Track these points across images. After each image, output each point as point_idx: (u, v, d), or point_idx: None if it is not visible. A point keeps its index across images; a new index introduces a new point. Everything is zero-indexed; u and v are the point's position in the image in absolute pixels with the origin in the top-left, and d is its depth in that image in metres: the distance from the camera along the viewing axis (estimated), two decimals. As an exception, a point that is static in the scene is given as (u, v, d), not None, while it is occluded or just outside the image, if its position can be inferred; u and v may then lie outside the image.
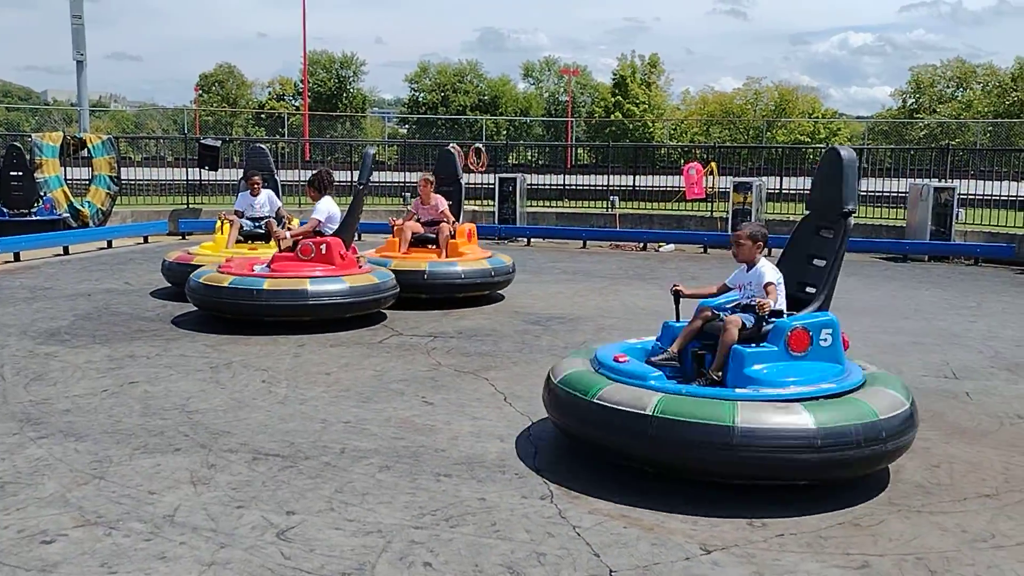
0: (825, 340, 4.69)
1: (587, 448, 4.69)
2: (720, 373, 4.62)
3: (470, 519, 3.92)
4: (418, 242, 9.97)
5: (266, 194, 11.25)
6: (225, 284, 8.00)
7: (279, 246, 8.86)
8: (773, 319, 4.68)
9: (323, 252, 8.41)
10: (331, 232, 8.65)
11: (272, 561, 3.46)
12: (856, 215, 5.16)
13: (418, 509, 4.02)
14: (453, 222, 10.12)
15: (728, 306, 4.95)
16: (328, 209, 8.68)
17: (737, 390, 4.36)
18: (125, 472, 4.42)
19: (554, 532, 3.80)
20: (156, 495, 4.13)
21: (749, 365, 4.53)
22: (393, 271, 9.05)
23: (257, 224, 10.98)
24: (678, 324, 5.04)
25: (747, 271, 5.00)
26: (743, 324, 4.65)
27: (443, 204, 10.13)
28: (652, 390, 4.36)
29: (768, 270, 4.90)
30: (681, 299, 5.23)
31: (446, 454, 4.79)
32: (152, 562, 3.44)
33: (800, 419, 4.06)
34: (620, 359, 4.74)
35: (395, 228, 10.11)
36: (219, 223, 11.09)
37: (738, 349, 4.59)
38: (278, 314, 7.99)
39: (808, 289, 5.02)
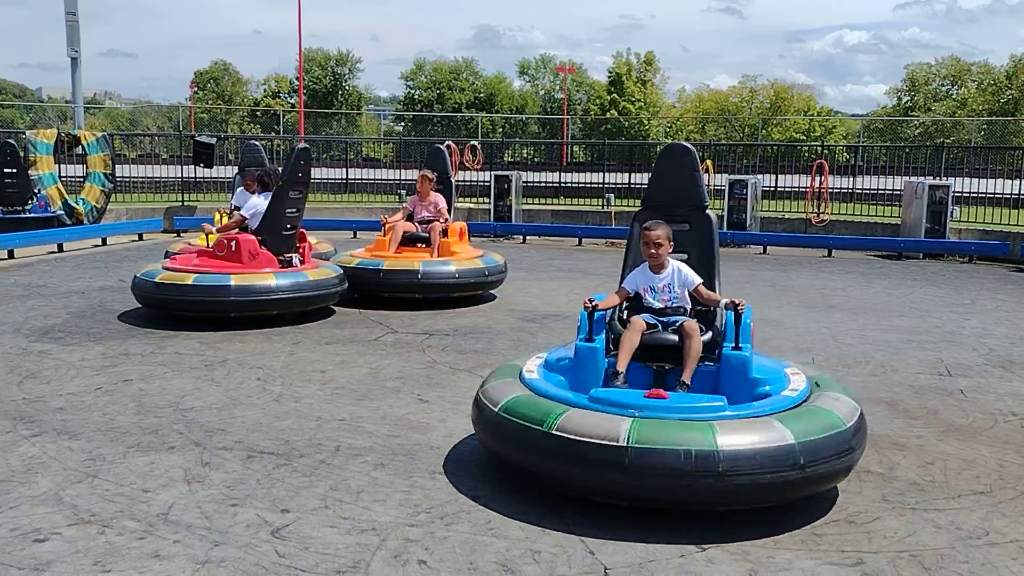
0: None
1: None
2: (690, 380, 4.46)
3: (465, 517, 3.92)
4: (409, 241, 9.83)
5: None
6: (156, 280, 8.12)
7: (206, 241, 8.96)
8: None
9: (233, 249, 8.32)
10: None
11: (266, 559, 3.46)
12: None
13: (413, 507, 4.01)
14: (446, 220, 10.02)
15: (653, 310, 4.78)
16: (256, 205, 8.75)
17: (756, 403, 4.12)
18: (119, 470, 4.41)
19: (549, 530, 3.79)
20: (150, 493, 4.12)
21: (752, 370, 4.48)
22: (386, 271, 9.10)
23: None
24: (591, 344, 4.65)
25: (654, 273, 4.82)
26: (701, 330, 4.58)
27: (442, 203, 10.01)
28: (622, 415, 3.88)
29: (689, 270, 4.82)
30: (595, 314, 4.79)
31: (441, 452, 4.79)
32: (146, 560, 3.43)
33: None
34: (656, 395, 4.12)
35: (386, 226, 10.00)
36: (217, 216, 11.10)
37: (739, 355, 4.49)
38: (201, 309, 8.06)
39: None
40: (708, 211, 5.20)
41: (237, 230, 8.68)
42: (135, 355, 6.95)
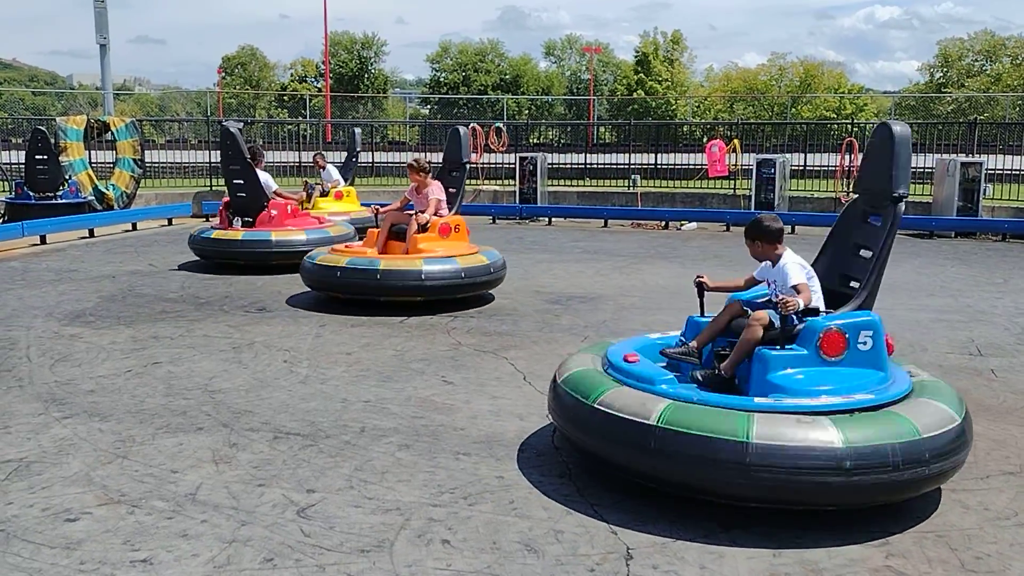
0: (864, 343, 4.12)
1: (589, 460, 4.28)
2: (731, 372, 4.21)
3: (488, 497, 3.94)
4: (398, 235, 8.64)
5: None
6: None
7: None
8: (805, 318, 4.14)
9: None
10: None
11: (292, 538, 3.50)
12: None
13: (437, 487, 4.04)
14: (438, 212, 8.68)
15: (759, 301, 4.48)
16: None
17: (757, 399, 3.87)
18: (148, 451, 4.47)
19: (572, 510, 3.80)
20: (178, 474, 4.18)
21: (774, 370, 4.01)
22: (383, 270, 7.98)
23: None
24: (704, 319, 4.55)
25: (772, 267, 4.49)
26: (770, 322, 4.16)
27: (437, 193, 8.69)
28: (659, 395, 3.89)
29: (793, 269, 4.35)
30: (706, 292, 4.67)
31: (465, 433, 4.81)
32: (174, 539, 3.48)
33: (826, 435, 3.54)
34: (631, 359, 4.26)
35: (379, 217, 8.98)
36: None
37: (763, 352, 4.09)
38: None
39: (852, 283, 4.47)
40: (899, 204, 4.39)
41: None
42: (164, 338, 7.03)
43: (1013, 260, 12.51)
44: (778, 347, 4.10)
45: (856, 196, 4.74)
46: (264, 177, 11.36)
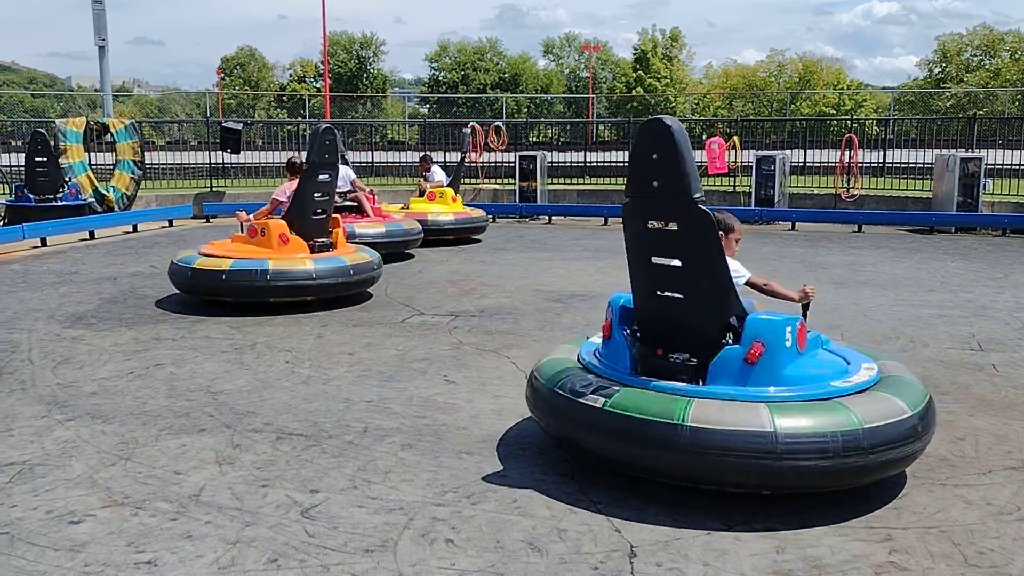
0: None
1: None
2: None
3: (491, 496, 3.94)
4: None
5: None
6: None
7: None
8: None
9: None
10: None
11: (296, 539, 3.50)
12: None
13: (440, 486, 4.04)
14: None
15: None
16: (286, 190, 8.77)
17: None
18: (151, 453, 4.48)
19: (575, 508, 3.81)
20: (182, 475, 4.18)
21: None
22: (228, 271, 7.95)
23: None
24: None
25: None
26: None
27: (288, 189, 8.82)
28: None
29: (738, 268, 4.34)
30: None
31: (468, 432, 4.82)
32: (178, 541, 3.49)
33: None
34: None
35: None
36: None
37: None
38: None
39: (668, 294, 4.14)
40: (703, 207, 3.90)
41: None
42: (166, 340, 7.04)
43: (1013, 255, 12.51)
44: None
45: (630, 199, 4.10)
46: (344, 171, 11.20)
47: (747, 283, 4.46)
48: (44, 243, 13.11)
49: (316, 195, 8.42)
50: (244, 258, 8.05)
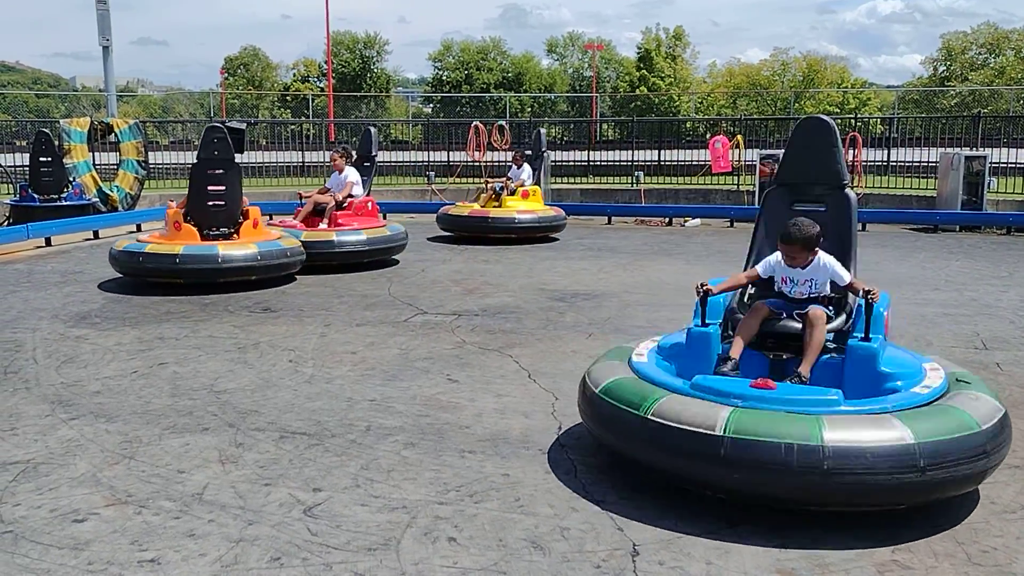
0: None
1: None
2: (809, 374, 4.13)
3: (494, 495, 3.94)
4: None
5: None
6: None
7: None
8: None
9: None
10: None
11: (299, 537, 3.51)
12: (864, 187, 5.06)
13: (443, 485, 4.04)
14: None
15: (787, 298, 4.47)
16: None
17: (891, 397, 3.83)
18: (155, 452, 4.49)
19: (578, 507, 3.81)
20: (185, 474, 4.19)
21: (882, 363, 4.07)
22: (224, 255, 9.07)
23: None
24: (703, 329, 4.44)
25: (801, 268, 4.44)
26: (828, 317, 4.21)
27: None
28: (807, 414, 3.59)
29: (837, 266, 4.40)
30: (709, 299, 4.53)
31: (470, 431, 4.82)
32: (181, 539, 3.49)
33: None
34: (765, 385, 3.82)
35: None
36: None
37: (864, 347, 4.09)
38: None
39: None
40: (847, 190, 4.83)
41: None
42: (170, 339, 7.05)
43: (1018, 253, 12.49)
44: (860, 337, 4.17)
45: (774, 188, 5.04)
46: (347, 174, 11.48)
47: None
48: (48, 243, 13.13)
49: (210, 188, 9.52)
50: (159, 243, 9.37)
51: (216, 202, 9.55)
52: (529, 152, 15.52)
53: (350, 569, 3.25)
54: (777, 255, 4.55)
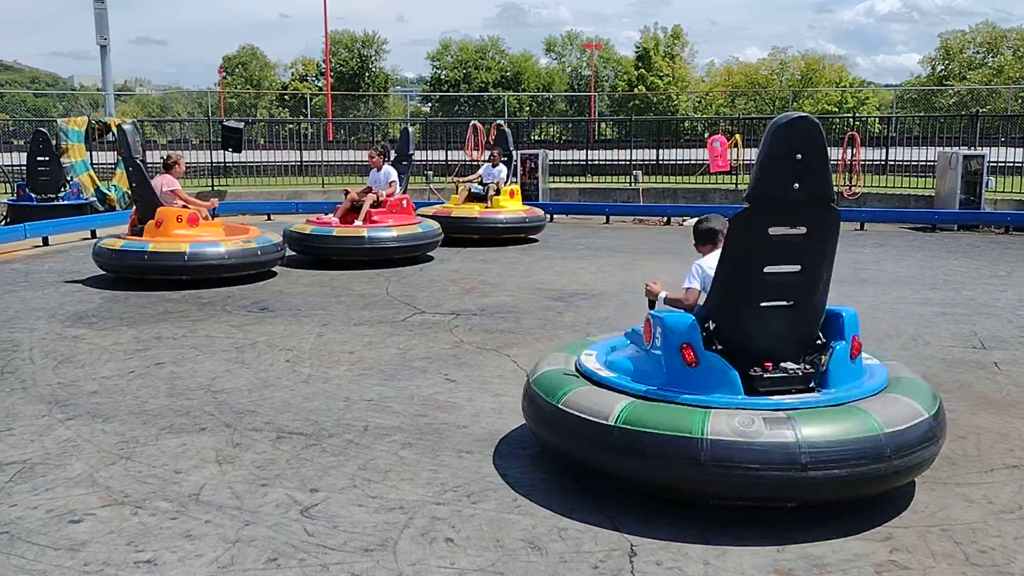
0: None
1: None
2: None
3: (492, 495, 3.93)
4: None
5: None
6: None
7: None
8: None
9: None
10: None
11: (296, 538, 3.50)
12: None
13: (440, 485, 4.04)
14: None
15: None
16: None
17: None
18: (151, 452, 4.48)
19: (576, 507, 3.80)
20: (182, 474, 4.18)
21: None
22: (192, 253, 9.20)
23: None
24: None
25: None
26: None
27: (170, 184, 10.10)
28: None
29: (690, 272, 4.28)
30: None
31: (468, 431, 4.81)
32: (178, 540, 3.48)
33: None
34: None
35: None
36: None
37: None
38: None
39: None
40: (832, 204, 3.81)
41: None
42: (167, 339, 7.03)
43: (1016, 253, 12.49)
44: None
45: (744, 209, 3.73)
46: (387, 172, 11.74)
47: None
48: (46, 242, 13.12)
49: (133, 185, 10.03)
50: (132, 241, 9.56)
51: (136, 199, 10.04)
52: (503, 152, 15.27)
53: (347, 570, 3.24)
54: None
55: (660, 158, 23.03)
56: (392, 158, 12.30)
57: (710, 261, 4.16)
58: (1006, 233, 14.96)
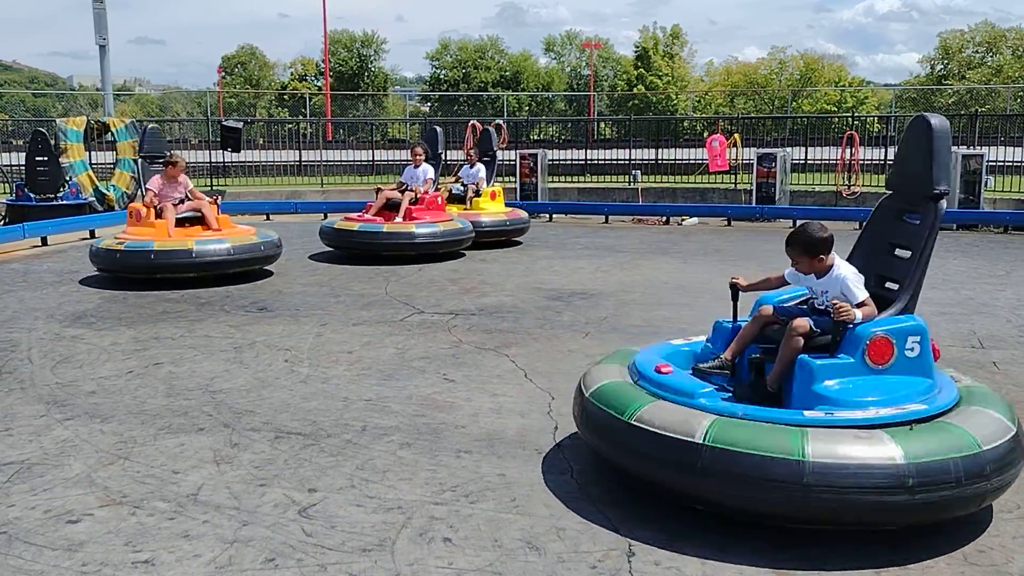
0: (911, 349, 3.88)
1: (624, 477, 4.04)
2: (777, 386, 3.94)
3: (490, 495, 3.93)
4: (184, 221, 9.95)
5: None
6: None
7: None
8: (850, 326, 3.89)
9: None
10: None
11: (294, 538, 3.50)
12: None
13: (438, 485, 4.03)
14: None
15: (790, 303, 4.25)
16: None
17: (806, 412, 3.62)
18: (149, 452, 4.47)
19: (574, 507, 3.80)
20: (180, 474, 4.18)
21: (820, 381, 3.76)
22: (156, 251, 9.25)
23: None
24: (733, 324, 4.31)
25: (818, 278, 4.12)
26: (811, 330, 3.89)
27: (190, 183, 10.20)
28: (702, 411, 3.65)
29: (856, 284, 4.00)
30: (740, 294, 4.37)
31: (466, 431, 4.81)
32: (176, 540, 3.48)
33: (885, 451, 3.33)
34: (663, 369, 4.02)
35: (152, 209, 9.97)
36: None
37: (805, 360, 3.82)
38: None
39: (889, 284, 4.21)
40: (940, 202, 4.09)
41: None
42: (165, 339, 7.03)
43: (1015, 252, 12.49)
44: (824, 355, 3.85)
45: (889, 193, 4.42)
46: (426, 169, 11.96)
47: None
48: (45, 242, 13.11)
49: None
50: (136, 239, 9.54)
51: None
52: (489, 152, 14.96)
53: (345, 570, 3.24)
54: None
55: (659, 158, 23.03)
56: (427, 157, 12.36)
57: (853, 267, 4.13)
58: (1005, 233, 14.97)
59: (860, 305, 3.92)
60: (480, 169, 13.74)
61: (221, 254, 9.45)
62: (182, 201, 9.99)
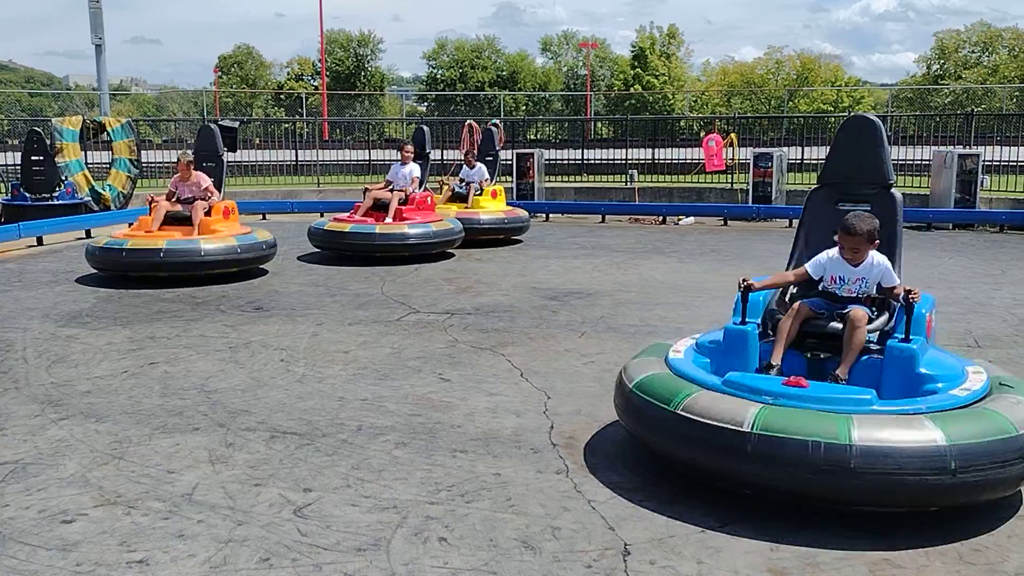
0: (933, 327, 4.23)
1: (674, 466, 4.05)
2: (847, 375, 4.10)
3: (485, 494, 3.93)
4: (172, 220, 9.91)
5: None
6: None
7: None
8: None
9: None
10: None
11: (289, 538, 3.49)
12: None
13: (434, 485, 4.03)
14: (210, 198, 10.10)
15: (832, 296, 4.40)
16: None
17: (927, 398, 3.76)
18: (144, 452, 4.46)
19: (569, 506, 3.79)
20: (175, 474, 4.17)
21: (919, 365, 3.98)
22: (129, 249, 9.39)
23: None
24: (742, 327, 4.40)
25: (852, 264, 4.33)
26: (869, 319, 4.11)
27: (205, 181, 10.14)
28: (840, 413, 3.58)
29: (889, 267, 4.31)
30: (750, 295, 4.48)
31: (462, 430, 4.80)
32: (170, 540, 3.47)
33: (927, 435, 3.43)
34: (801, 383, 3.82)
35: (151, 205, 10.06)
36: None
37: (899, 347, 4.02)
38: None
39: None
40: (893, 191, 4.72)
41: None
42: (161, 338, 7.02)
43: (1011, 251, 12.51)
44: (900, 338, 4.09)
45: (817, 187, 5.01)
46: (412, 168, 11.92)
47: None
48: (40, 242, 13.09)
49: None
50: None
51: None
52: (488, 152, 15.05)
53: (340, 570, 3.24)
54: (829, 253, 4.46)
55: (656, 157, 23.04)
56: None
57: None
58: (1001, 232, 14.99)
59: (894, 288, 4.23)
60: (479, 168, 13.85)
61: (192, 255, 9.38)
62: (191, 200, 9.98)
